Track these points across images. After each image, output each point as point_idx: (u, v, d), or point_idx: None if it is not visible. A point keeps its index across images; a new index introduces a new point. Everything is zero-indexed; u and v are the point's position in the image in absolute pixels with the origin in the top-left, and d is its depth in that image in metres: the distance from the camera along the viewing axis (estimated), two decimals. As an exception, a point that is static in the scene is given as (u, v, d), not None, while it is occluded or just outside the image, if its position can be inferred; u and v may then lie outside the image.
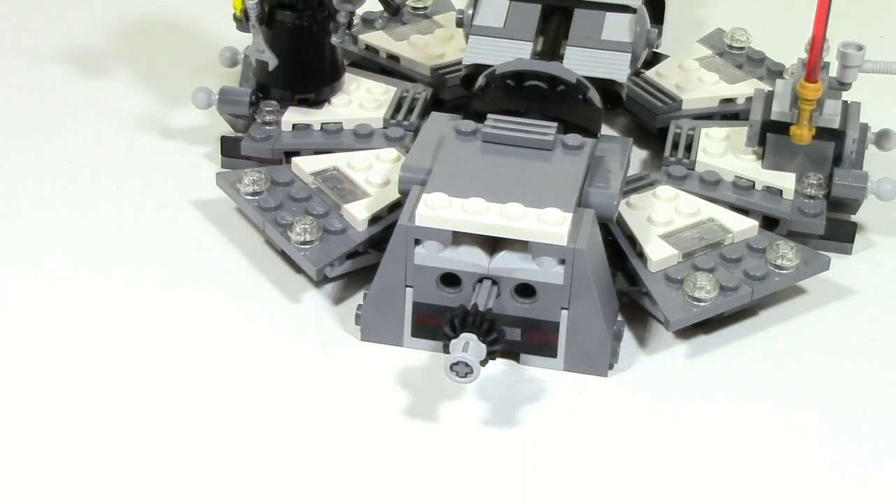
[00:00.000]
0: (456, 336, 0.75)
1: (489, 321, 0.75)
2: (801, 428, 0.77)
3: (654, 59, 1.01)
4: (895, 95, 1.01)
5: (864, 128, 0.90)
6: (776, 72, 0.99)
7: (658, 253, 0.83)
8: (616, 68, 0.89)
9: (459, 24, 0.94)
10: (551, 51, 0.90)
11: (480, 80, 0.88)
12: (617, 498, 0.73)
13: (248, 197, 0.87)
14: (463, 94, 0.93)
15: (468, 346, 0.74)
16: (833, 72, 0.89)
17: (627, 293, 0.84)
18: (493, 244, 0.78)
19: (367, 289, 0.80)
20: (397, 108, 0.94)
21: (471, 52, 0.90)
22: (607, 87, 0.88)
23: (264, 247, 0.88)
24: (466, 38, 0.92)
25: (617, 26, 0.90)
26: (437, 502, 0.72)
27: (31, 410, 0.76)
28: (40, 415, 0.76)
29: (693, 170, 0.90)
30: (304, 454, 0.74)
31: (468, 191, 0.78)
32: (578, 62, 0.88)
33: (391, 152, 0.89)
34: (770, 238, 0.85)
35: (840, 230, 0.89)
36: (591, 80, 0.87)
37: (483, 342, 0.75)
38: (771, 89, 0.90)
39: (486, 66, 0.88)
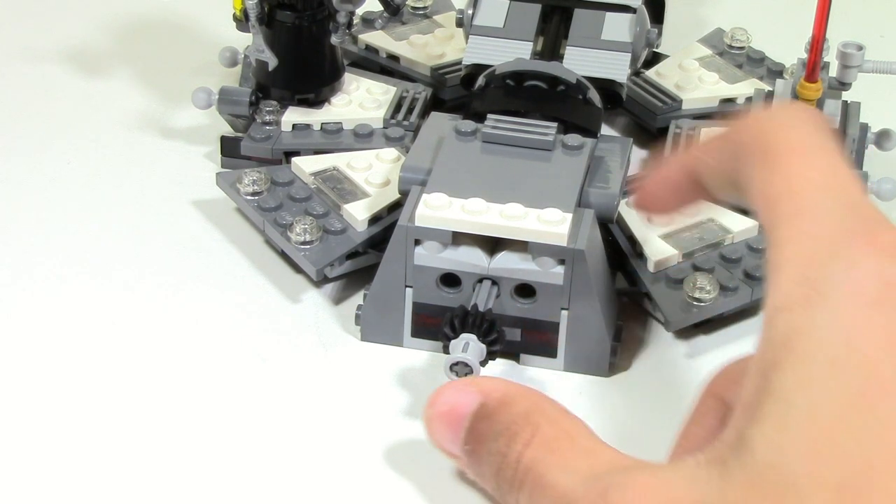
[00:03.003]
0: (456, 336, 0.75)
1: (489, 321, 0.75)
2: (801, 428, 0.77)
3: (654, 59, 1.01)
4: (895, 95, 1.01)
5: (864, 128, 0.90)
6: (776, 72, 0.99)
7: (658, 253, 0.83)
8: (616, 68, 0.89)
9: (459, 23, 0.94)
10: (551, 51, 0.90)
11: (480, 80, 0.88)
12: (617, 498, 0.73)
13: (248, 197, 0.87)
14: (463, 94, 0.93)
15: (468, 346, 0.74)
16: (833, 72, 0.89)
17: (627, 293, 0.84)
18: (492, 244, 0.78)
19: (367, 289, 0.80)
20: (397, 108, 0.94)
21: (470, 52, 0.90)
22: (607, 87, 0.88)
23: (264, 247, 0.88)
24: (466, 37, 0.92)
25: (617, 26, 0.90)
26: (437, 502, 0.72)
27: (31, 410, 0.76)
28: (40, 415, 0.76)
29: (693, 170, 0.90)
30: (304, 454, 0.74)
31: (468, 191, 0.78)
32: (578, 62, 0.88)
33: (391, 152, 0.89)
34: (770, 238, 0.85)
35: (840, 230, 0.89)
36: (590, 79, 0.87)
37: (483, 342, 0.75)
38: (771, 89, 0.90)
39: (486, 66, 0.88)
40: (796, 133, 0.63)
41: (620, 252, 0.84)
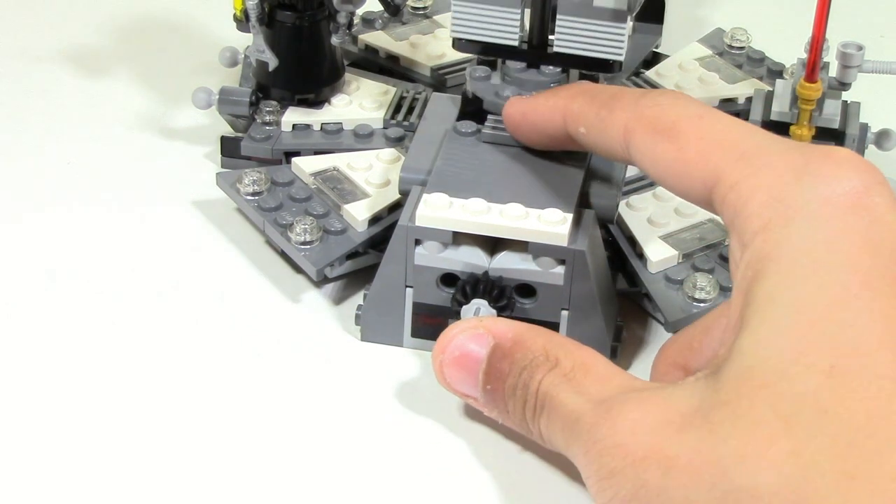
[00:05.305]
0: (467, 302, 0.75)
1: (500, 288, 0.75)
2: (801, 428, 0.77)
3: (654, 59, 1.01)
4: (895, 95, 1.01)
5: (864, 128, 0.90)
6: (776, 72, 0.99)
7: (658, 254, 0.83)
8: (610, 44, 0.85)
9: None
10: (540, 20, 0.86)
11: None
12: (617, 498, 0.73)
13: (248, 197, 0.87)
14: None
15: (479, 311, 0.75)
16: (833, 72, 0.89)
17: (627, 293, 0.84)
18: (493, 244, 0.78)
19: (367, 289, 0.81)
20: (397, 108, 0.94)
21: (456, 24, 0.85)
22: (602, 65, 0.85)
23: (264, 247, 0.88)
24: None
25: None
26: (437, 502, 0.72)
27: (31, 410, 0.76)
28: (39, 414, 0.76)
29: (693, 170, 0.90)
30: (303, 454, 0.74)
31: (468, 191, 0.78)
32: (570, 39, 0.85)
33: (391, 152, 0.90)
34: (770, 238, 0.85)
35: (840, 230, 0.89)
36: (584, 59, 0.84)
37: (494, 307, 0.75)
38: (771, 89, 0.90)
39: (474, 42, 0.85)
40: (685, 105, 0.68)
41: (620, 252, 0.84)
